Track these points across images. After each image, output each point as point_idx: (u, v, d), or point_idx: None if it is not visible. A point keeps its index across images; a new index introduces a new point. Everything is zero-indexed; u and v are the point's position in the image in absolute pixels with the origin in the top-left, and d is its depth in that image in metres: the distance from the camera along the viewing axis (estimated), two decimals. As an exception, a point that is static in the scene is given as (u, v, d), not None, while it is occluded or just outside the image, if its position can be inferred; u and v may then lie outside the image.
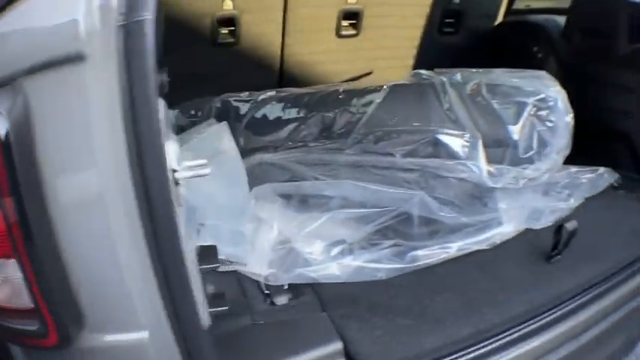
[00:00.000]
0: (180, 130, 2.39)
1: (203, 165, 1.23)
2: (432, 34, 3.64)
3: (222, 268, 1.73)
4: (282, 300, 1.77)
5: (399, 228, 2.26)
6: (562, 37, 3.41)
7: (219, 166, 1.92)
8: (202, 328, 1.27)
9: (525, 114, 2.74)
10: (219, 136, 2.26)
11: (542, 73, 2.85)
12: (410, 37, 3.59)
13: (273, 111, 2.74)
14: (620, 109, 2.92)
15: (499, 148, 2.73)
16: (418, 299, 1.90)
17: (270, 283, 1.80)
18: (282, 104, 2.74)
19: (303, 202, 2.25)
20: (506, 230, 2.31)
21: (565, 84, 3.00)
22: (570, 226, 2.17)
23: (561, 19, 3.43)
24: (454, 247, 2.17)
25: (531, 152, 2.73)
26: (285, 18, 2.82)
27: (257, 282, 1.83)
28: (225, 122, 2.37)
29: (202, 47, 2.71)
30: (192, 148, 2.12)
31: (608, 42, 3.10)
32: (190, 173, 1.22)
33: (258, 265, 1.83)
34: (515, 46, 3.64)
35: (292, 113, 2.76)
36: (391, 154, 2.70)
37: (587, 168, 2.76)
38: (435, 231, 2.25)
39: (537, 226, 2.42)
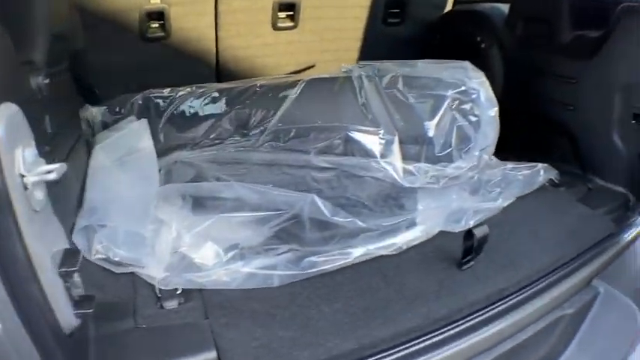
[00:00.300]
0: (104, 127, 2.39)
1: (56, 169, 1.20)
2: (375, 25, 3.47)
3: (119, 270, 1.71)
4: (171, 304, 1.67)
5: (296, 232, 2.07)
6: (505, 26, 3.21)
7: (132, 164, 2.06)
8: (59, 329, 1.25)
9: (443, 108, 2.53)
10: (137, 134, 2.23)
11: (466, 63, 2.63)
12: (352, 28, 3.41)
13: (192, 107, 2.63)
14: (561, 101, 2.78)
15: (417, 145, 2.53)
16: (305, 309, 1.74)
17: (162, 287, 1.70)
18: (201, 100, 2.63)
19: (200, 204, 2.11)
20: (416, 234, 2.11)
21: (508, 75, 2.97)
22: (480, 231, 1.94)
23: (507, 8, 3.24)
24: (354, 253, 1.96)
25: (450, 149, 2.52)
26: (217, 10, 2.72)
27: (153, 285, 1.72)
28: (145, 119, 2.34)
29: (132, 42, 2.62)
30: (108, 146, 2.12)
31: (550, 29, 2.92)
32: (37, 178, 1.18)
33: (155, 269, 1.73)
34: (459, 36, 3.44)
35: (210, 109, 2.64)
36: (305, 152, 2.52)
37: (524, 164, 2.58)
38: (334, 235, 2.06)
39: (457, 228, 2.19)
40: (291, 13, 2.97)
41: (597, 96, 2.58)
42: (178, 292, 1.70)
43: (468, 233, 1.98)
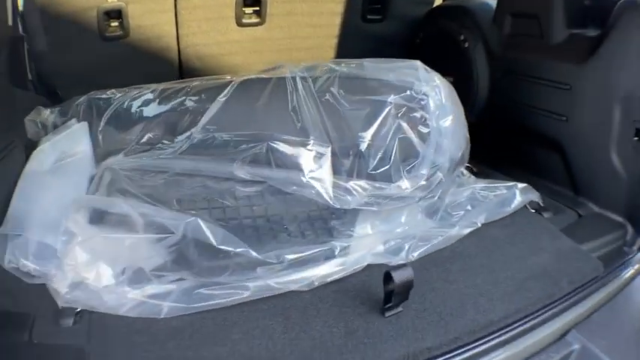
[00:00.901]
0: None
1: None
2: (353, 21, 3.06)
3: (30, 281, 1.60)
4: (66, 323, 1.51)
5: (193, 258, 1.71)
6: (493, 24, 2.75)
7: (64, 171, 1.95)
8: None
9: (383, 115, 2.05)
10: (75, 138, 2.12)
11: (417, 63, 2.15)
12: (327, 24, 3.01)
13: (127, 109, 2.32)
14: (553, 110, 2.37)
15: (353, 159, 2.06)
16: (183, 350, 1.46)
17: (62, 304, 1.55)
18: (136, 101, 2.33)
19: (105, 220, 1.81)
20: (334, 268, 1.71)
21: (494, 78, 2.62)
22: (399, 276, 1.50)
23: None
24: (253, 288, 1.62)
25: (388, 165, 2.02)
26: (177, 7, 2.53)
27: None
28: (85, 122, 2.18)
29: (92, 42, 2.47)
30: (44, 150, 2.00)
31: (541, 27, 2.46)
32: None
33: (60, 283, 1.60)
34: (442, 34, 2.99)
35: (143, 112, 2.32)
36: (231, 162, 2.11)
37: (499, 183, 2.20)
38: (228, 266, 1.68)
39: (395, 261, 1.76)
40: (257, 8, 2.69)
41: (593, 106, 2.18)
42: (77, 311, 1.54)
43: (387, 276, 1.51)
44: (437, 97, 2.04)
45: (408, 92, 2.03)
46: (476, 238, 1.93)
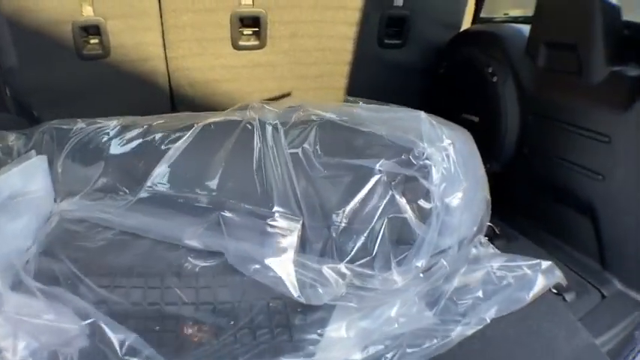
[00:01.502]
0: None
1: None
2: (368, 45, 2.64)
3: None
4: None
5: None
6: (525, 55, 2.27)
7: (12, 211, 1.70)
8: None
9: (369, 187, 1.61)
10: (32, 172, 1.85)
11: (421, 115, 1.69)
12: (336, 49, 2.58)
13: (90, 145, 1.97)
14: (587, 166, 1.95)
15: (328, 239, 1.63)
16: None
17: None
18: (101, 136, 1.98)
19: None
20: None
21: (525, 122, 2.21)
22: None
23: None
24: None
25: (371, 255, 1.59)
26: (164, 25, 2.24)
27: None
28: (44, 156, 1.89)
29: (67, 59, 2.22)
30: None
31: (580, 60, 1.99)
32: None
33: None
34: (468, 64, 2.52)
35: (105, 150, 1.97)
36: (180, 227, 1.71)
37: (520, 261, 1.76)
38: None
39: None
40: (257, 29, 2.34)
41: (637, 165, 1.78)
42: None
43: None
44: (444, 164, 1.59)
45: (405, 156, 1.59)
46: (481, 338, 1.53)
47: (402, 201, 1.56)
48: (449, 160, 1.59)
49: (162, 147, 1.85)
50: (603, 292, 1.82)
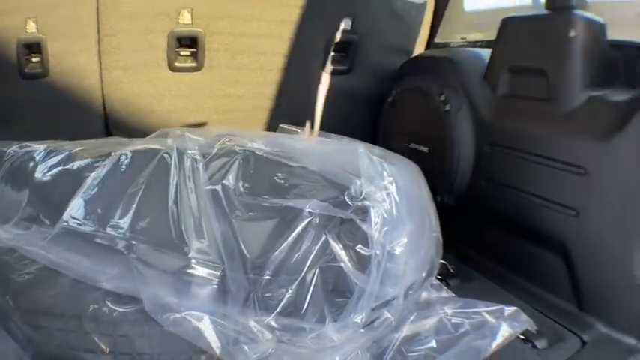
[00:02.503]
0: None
1: None
2: (312, 69, 2.40)
3: None
4: None
5: None
6: (483, 81, 2.04)
7: None
8: None
9: (297, 232, 1.27)
10: None
11: (360, 148, 1.38)
12: (277, 69, 2.34)
13: (21, 171, 1.67)
14: (558, 201, 1.71)
15: (252, 290, 1.30)
16: None
17: None
18: (29, 161, 1.67)
19: None
20: None
21: (481, 155, 1.99)
22: None
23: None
24: None
25: (301, 310, 1.26)
26: (101, 48, 2.07)
27: None
28: None
29: (9, 77, 2.09)
30: None
31: (550, 86, 1.77)
32: None
33: None
34: (419, 92, 2.27)
35: (32, 176, 1.65)
36: (98, 267, 1.37)
37: (480, 307, 1.49)
38: None
39: None
40: (194, 49, 2.14)
41: (617, 200, 1.56)
42: None
43: None
44: (385, 205, 1.29)
45: (340, 196, 1.27)
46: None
47: (337, 247, 1.25)
48: (390, 200, 1.30)
49: (80, 177, 1.56)
50: (583, 338, 1.59)
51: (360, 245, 1.24)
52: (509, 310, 1.48)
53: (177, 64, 2.17)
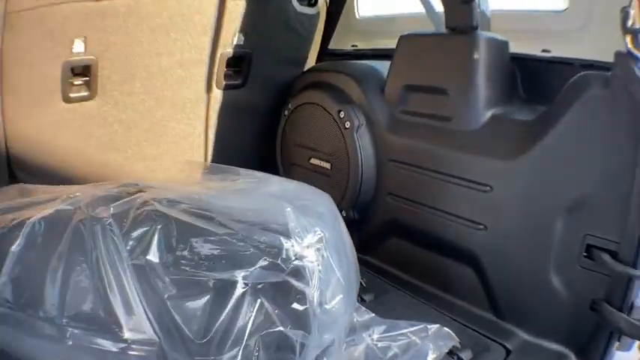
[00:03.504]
0: None
1: None
2: (207, 87, 2.25)
3: None
4: None
5: None
6: (382, 97, 2.01)
7: None
8: None
9: (232, 303, 1.17)
10: None
11: (287, 209, 1.27)
12: (172, 92, 2.18)
13: None
14: (466, 217, 1.71)
15: None
16: None
17: None
18: None
19: None
20: None
21: (383, 175, 1.97)
22: None
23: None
24: None
25: None
26: (2, 80, 1.80)
27: None
28: None
29: None
30: None
31: (451, 106, 1.77)
32: None
33: None
34: (316, 108, 2.19)
35: None
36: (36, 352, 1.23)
37: (404, 328, 1.49)
38: None
39: None
40: (87, 78, 1.95)
41: (524, 214, 1.59)
42: None
43: None
44: (318, 261, 1.22)
45: (273, 261, 1.18)
46: None
47: (273, 310, 1.17)
48: (321, 256, 1.24)
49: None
50: (507, 346, 1.59)
51: (295, 304, 1.16)
52: (432, 328, 1.48)
53: (71, 94, 1.97)
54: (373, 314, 1.57)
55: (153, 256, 1.12)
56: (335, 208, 1.44)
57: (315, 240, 1.20)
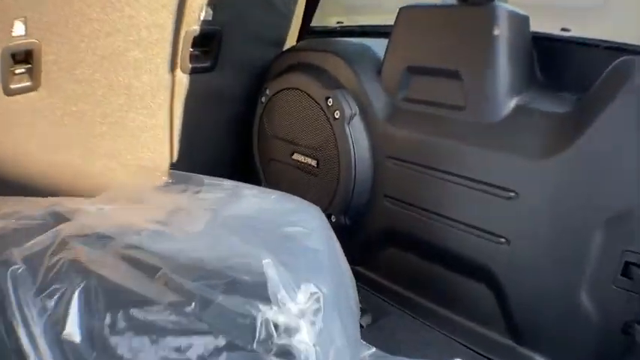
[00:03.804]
0: None
1: None
2: (171, 71, 1.94)
3: None
4: None
5: None
6: (378, 79, 1.71)
7: None
8: None
9: None
10: None
11: (267, 261, 0.90)
12: (129, 78, 1.87)
13: None
14: (484, 228, 1.43)
15: None
16: None
17: None
18: None
19: None
20: None
21: (381, 168, 1.69)
22: None
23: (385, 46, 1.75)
24: None
25: None
26: None
27: None
28: None
29: None
30: None
31: (465, 91, 1.48)
32: None
33: None
34: (300, 94, 1.88)
35: None
36: None
37: None
38: None
39: None
40: (29, 65, 1.67)
41: (554, 226, 1.33)
42: None
43: None
44: (311, 333, 0.90)
45: (242, 345, 0.84)
46: None
47: None
48: (315, 323, 0.92)
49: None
50: None
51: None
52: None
53: (11, 85, 1.71)
54: (374, 348, 1.33)
55: (72, 332, 0.78)
56: (330, 232, 1.15)
57: (309, 303, 0.85)
